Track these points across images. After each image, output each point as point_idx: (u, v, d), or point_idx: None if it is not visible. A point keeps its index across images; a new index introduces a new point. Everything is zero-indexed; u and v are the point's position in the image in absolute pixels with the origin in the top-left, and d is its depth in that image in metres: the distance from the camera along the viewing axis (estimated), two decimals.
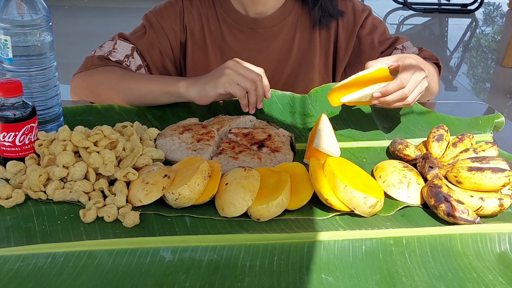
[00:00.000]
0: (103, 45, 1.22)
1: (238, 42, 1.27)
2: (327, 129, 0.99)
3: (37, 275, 0.69)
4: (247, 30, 1.26)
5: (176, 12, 1.26)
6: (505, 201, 0.84)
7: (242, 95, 1.04)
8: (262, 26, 1.26)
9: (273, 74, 1.25)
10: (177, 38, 1.26)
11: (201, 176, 0.83)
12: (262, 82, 1.05)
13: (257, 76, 1.04)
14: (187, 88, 1.07)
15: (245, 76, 1.03)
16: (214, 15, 1.27)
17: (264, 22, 1.26)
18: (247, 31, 1.26)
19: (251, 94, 1.04)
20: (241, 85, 1.03)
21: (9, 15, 0.91)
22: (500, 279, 0.72)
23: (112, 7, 5.29)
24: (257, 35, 1.27)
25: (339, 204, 0.82)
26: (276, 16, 1.26)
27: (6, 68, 0.93)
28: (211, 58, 1.27)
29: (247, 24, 1.26)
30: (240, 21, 1.26)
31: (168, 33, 1.25)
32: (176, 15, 1.26)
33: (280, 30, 1.27)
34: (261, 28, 1.26)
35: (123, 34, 1.24)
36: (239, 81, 1.03)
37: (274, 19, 1.26)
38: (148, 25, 1.24)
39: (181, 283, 0.69)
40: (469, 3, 5.75)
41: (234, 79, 1.02)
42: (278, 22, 1.26)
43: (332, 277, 0.71)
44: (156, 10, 1.26)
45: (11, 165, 0.88)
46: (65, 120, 1.04)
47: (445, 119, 1.15)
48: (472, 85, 3.99)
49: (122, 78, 1.14)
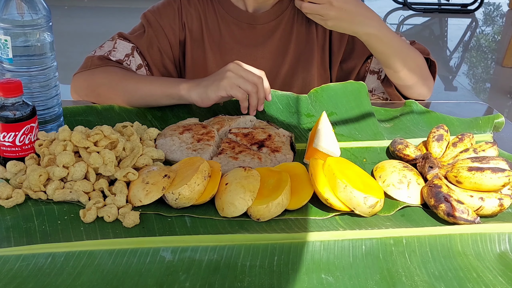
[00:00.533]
0: (103, 45, 1.22)
1: (235, 38, 1.27)
2: (327, 129, 0.99)
3: (37, 275, 0.69)
4: (245, 25, 1.27)
5: (174, 11, 1.26)
6: (505, 201, 0.84)
7: (244, 98, 1.04)
8: (260, 22, 1.26)
9: (271, 70, 1.26)
10: (176, 37, 1.26)
11: (201, 176, 0.83)
12: (263, 85, 1.05)
13: (258, 79, 1.04)
14: (189, 90, 1.07)
15: (246, 79, 1.03)
16: (212, 11, 1.27)
17: (262, 17, 1.26)
18: (245, 27, 1.27)
19: (252, 97, 1.04)
20: (242, 87, 1.03)
21: (9, 15, 0.91)
22: (500, 279, 0.72)
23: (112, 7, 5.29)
24: (255, 31, 1.27)
25: (339, 204, 0.83)
26: (273, 11, 1.26)
27: (6, 68, 0.94)
28: (209, 55, 1.27)
29: (245, 20, 1.26)
30: (238, 17, 1.26)
31: (167, 32, 1.25)
32: (174, 13, 1.26)
33: (277, 25, 1.27)
34: (259, 23, 1.26)
35: (122, 33, 1.24)
36: (240, 84, 1.03)
37: (271, 14, 1.26)
38: (147, 24, 1.24)
39: (181, 283, 0.69)
40: (469, 3, 5.75)
41: (236, 82, 1.03)
42: (275, 17, 1.27)
43: (332, 277, 0.71)
44: (154, 9, 1.26)
45: (11, 165, 0.88)
46: (65, 120, 1.04)
47: (445, 119, 1.15)
48: (472, 85, 3.99)
49: (123, 78, 1.14)
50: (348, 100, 1.15)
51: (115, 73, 1.15)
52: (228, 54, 1.27)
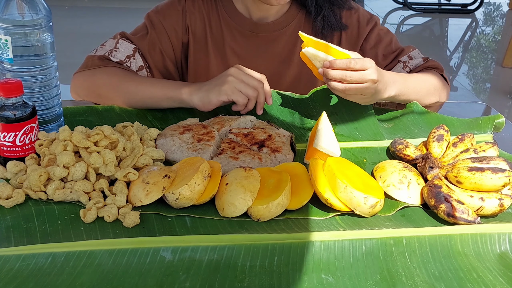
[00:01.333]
0: (104, 44, 1.21)
1: (238, 44, 1.27)
2: (327, 129, 0.99)
3: (38, 275, 0.69)
4: (248, 33, 1.26)
5: (178, 12, 1.25)
6: (505, 201, 0.84)
7: (245, 103, 1.05)
8: (263, 31, 1.26)
9: (271, 78, 1.25)
10: (179, 39, 1.26)
11: (202, 176, 0.83)
12: (264, 89, 1.06)
13: (259, 84, 1.05)
14: (190, 94, 1.07)
15: (247, 83, 1.04)
16: (216, 16, 1.26)
17: (266, 27, 1.26)
18: (248, 34, 1.26)
19: (252, 101, 1.06)
20: (243, 92, 1.04)
21: (10, 15, 0.91)
22: (500, 279, 0.72)
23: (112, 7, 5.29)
24: (257, 39, 1.26)
25: (339, 204, 0.83)
26: (278, 22, 1.26)
27: (7, 68, 0.94)
28: (211, 59, 1.27)
29: (248, 27, 1.26)
30: (242, 24, 1.26)
31: (170, 33, 1.24)
32: (178, 15, 1.25)
33: (280, 36, 1.26)
34: (261, 32, 1.26)
35: (125, 33, 1.24)
36: (241, 89, 1.04)
37: (276, 25, 1.26)
38: (150, 25, 1.24)
39: (181, 283, 0.69)
40: (469, 3, 5.75)
41: (237, 86, 1.03)
42: (279, 28, 1.26)
43: (332, 277, 0.71)
44: (158, 10, 1.26)
45: (11, 165, 0.88)
46: (65, 121, 1.04)
47: (445, 119, 1.15)
48: (472, 85, 3.99)
49: (124, 80, 1.14)
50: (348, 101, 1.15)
51: (116, 74, 1.15)
52: (230, 58, 1.26)
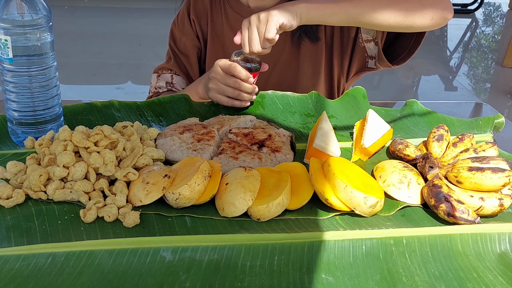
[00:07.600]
0: (151, 84, 1.37)
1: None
2: (327, 129, 0.99)
3: (38, 275, 0.69)
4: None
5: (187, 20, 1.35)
6: (505, 201, 0.84)
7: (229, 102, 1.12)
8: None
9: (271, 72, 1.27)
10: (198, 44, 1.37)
11: (202, 176, 0.83)
12: (244, 87, 1.09)
13: (234, 83, 1.08)
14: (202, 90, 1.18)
15: (226, 84, 1.09)
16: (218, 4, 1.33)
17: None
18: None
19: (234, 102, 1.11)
20: (224, 94, 1.11)
21: (10, 15, 0.91)
22: (500, 279, 0.72)
23: (112, 7, 5.29)
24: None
25: (339, 204, 0.83)
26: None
27: (6, 68, 0.94)
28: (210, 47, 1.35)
29: (245, 14, 1.27)
30: (240, 11, 1.29)
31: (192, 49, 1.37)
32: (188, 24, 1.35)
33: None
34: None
35: (159, 67, 1.38)
36: (222, 91, 1.11)
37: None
38: (173, 52, 1.37)
39: (181, 283, 0.69)
40: (469, 3, 5.75)
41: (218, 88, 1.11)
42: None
43: (332, 277, 0.71)
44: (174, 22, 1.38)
45: (11, 165, 0.88)
46: (65, 119, 1.04)
47: (445, 119, 1.15)
48: (472, 85, 3.99)
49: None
50: (347, 110, 1.16)
51: None
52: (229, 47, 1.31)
